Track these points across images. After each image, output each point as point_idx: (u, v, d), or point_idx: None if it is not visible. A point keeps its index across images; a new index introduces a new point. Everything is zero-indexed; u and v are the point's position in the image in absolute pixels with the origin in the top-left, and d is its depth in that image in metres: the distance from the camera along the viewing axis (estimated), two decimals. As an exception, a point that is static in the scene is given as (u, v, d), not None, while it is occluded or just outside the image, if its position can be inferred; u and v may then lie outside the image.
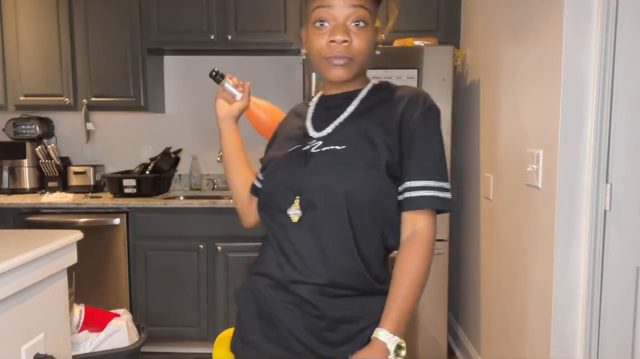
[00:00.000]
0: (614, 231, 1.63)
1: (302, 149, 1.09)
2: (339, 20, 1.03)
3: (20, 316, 1.31)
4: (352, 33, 1.03)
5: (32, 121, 3.24)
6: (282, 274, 1.05)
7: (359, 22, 1.03)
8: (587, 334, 1.66)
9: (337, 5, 1.02)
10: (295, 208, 1.04)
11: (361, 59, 1.05)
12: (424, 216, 1.02)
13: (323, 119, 1.13)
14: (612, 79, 1.58)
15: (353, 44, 1.03)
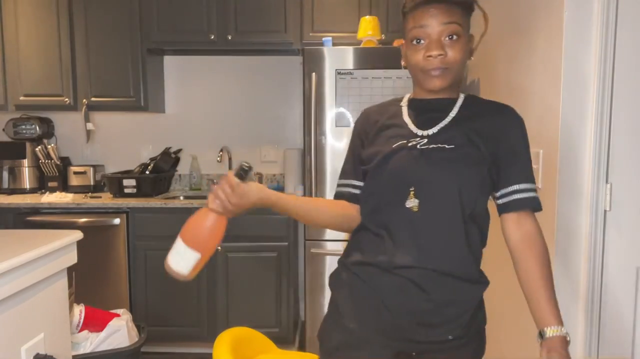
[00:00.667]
0: (614, 231, 1.63)
1: (408, 144, 1.17)
2: (433, 37, 1.13)
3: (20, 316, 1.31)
4: (447, 46, 1.13)
5: (32, 121, 3.24)
6: (392, 261, 1.14)
7: (452, 36, 1.13)
8: (587, 334, 1.66)
9: (431, 24, 1.13)
10: (412, 199, 1.14)
11: (456, 67, 1.15)
12: (531, 216, 1.19)
13: (424, 120, 1.20)
14: (612, 79, 1.58)
15: (448, 56, 1.13)
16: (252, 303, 2.89)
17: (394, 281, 1.14)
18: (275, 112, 3.36)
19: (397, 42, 2.71)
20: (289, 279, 2.89)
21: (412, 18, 1.15)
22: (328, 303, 1.29)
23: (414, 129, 1.19)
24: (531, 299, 1.16)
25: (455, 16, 1.13)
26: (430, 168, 1.13)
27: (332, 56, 2.67)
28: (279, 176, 3.44)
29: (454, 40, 1.13)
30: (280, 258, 2.87)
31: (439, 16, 1.12)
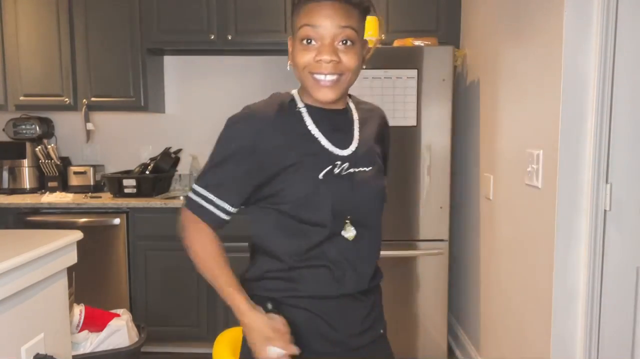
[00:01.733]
0: (614, 231, 1.63)
1: (334, 170, 1.08)
2: (326, 40, 1.01)
3: (20, 316, 1.31)
4: (340, 52, 1.02)
5: (32, 121, 3.23)
6: (337, 290, 1.10)
7: (347, 41, 1.02)
8: (587, 334, 1.66)
9: (324, 25, 1.01)
10: (350, 229, 1.09)
11: (350, 76, 1.05)
12: None
13: (334, 136, 1.10)
14: (612, 79, 1.58)
15: (342, 62, 1.02)
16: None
17: (339, 304, 1.11)
18: (275, 112, 3.36)
19: (397, 42, 2.71)
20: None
21: (304, 13, 1.03)
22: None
23: (331, 149, 1.08)
24: None
25: (352, 19, 1.02)
26: (361, 195, 1.10)
27: (332, 56, 2.67)
28: (279, 176, 3.44)
29: (349, 46, 1.02)
30: (280, 258, 2.87)
31: (335, 17, 1.00)
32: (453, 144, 2.78)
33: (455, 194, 3.03)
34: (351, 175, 1.09)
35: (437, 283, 2.68)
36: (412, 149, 2.62)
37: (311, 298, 1.11)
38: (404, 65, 2.58)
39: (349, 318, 1.13)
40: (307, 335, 1.10)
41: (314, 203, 1.06)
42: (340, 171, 1.08)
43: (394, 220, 2.66)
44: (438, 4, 2.96)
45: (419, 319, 2.71)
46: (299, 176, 1.06)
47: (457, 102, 3.01)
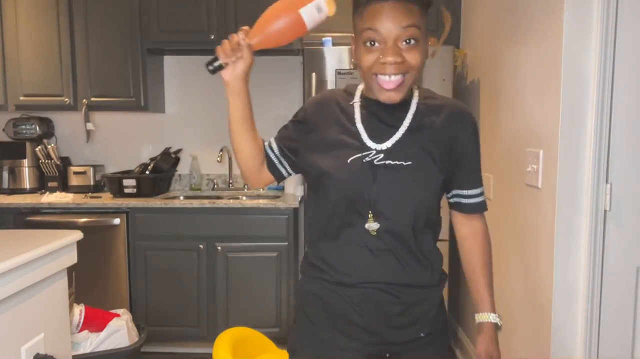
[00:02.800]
0: (614, 231, 1.63)
1: (363, 160, 1.10)
2: (390, 42, 1.02)
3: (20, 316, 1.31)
4: (404, 51, 1.03)
5: (32, 121, 3.23)
6: (356, 278, 1.13)
7: (410, 40, 1.03)
8: (587, 334, 1.66)
9: (387, 27, 1.01)
10: (372, 222, 1.11)
11: (414, 73, 1.06)
12: (481, 217, 1.25)
13: (377, 129, 1.13)
14: (612, 79, 1.58)
15: (406, 62, 1.04)
16: (252, 303, 2.89)
17: (363, 292, 1.14)
18: (275, 112, 3.36)
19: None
20: (289, 279, 2.89)
21: (367, 15, 1.04)
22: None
23: (367, 142, 1.12)
24: (471, 287, 1.26)
25: (414, 17, 1.01)
26: (385, 190, 1.09)
27: (332, 56, 2.67)
28: (279, 176, 3.44)
29: (412, 45, 1.03)
30: (280, 258, 2.86)
31: (396, 17, 1.00)
32: (453, 144, 2.78)
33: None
34: (380, 166, 1.10)
35: (437, 283, 2.68)
36: (412, 149, 2.62)
37: (328, 280, 1.17)
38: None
39: (374, 308, 1.14)
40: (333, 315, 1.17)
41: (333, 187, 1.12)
42: (373, 159, 1.10)
43: (394, 220, 2.66)
44: (438, 4, 2.96)
45: (419, 319, 2.71)
46: (327, 154, 1.13)
47: (457, 102, 3.01)
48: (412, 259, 1.14)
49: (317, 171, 1.15)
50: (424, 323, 1.18)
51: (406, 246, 1.13)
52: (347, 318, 1.16)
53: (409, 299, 1.16)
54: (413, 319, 1.17)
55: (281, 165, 1.26)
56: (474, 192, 1.20)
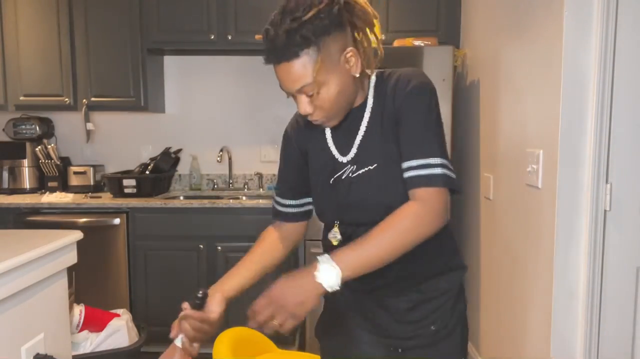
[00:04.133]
0: (614, 231, 1.63)
1: (341, 177, 1.13)
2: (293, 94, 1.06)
3: (20, 316, 1.31)
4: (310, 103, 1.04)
5: (32, 121, 3.23)
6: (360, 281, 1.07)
7: (311, 95, 1.03)
8: (587, 334, 1.66)
9: (286, 87, 1.04)
10: (336, 231, 1.15)
11: (335, 111, 1.07)
12: (422, 193, 1.03)
13: (342, 139, 1.14)
14: (612, 79, 1.58)
15: (317, 109, 1.05)
16: (252, 303, 2.88)
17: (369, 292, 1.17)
18: (275, 112, 3.36)
19: (397, 42, 2.71)
20: None
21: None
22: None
23: (337, 156, 1.14)
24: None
25: (302, 77, 0.99)
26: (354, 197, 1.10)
27: (332, 56, 2.66)
28: (279, 176, 3.44)
29: (315, 96, 1.02)
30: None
31: (288, 81, 1.02)
32: (453, 144, 2.78)
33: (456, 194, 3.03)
34: (353, 178, 1.11)
35: (437, 283, 2.68)
36: (412, 149, 2.61)
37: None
38: (404, 65, 2.54)
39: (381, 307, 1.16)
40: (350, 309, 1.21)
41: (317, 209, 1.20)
42: (349, 174, 1.12)
43: (394, 220, 2.66)
44: (438, 4, 2.96)
45: (419, 319, 2.71)
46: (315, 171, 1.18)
47: (457, 102, 3.00)
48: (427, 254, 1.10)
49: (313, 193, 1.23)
50: (436, 316, 1.16)
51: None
52: (359, 314, 1.19)
53: (415, 295, 1.16)
54: (424, 313, 1.16)
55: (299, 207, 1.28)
56: (410, 164, 1.04)
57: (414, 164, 1.03)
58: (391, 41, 2.79)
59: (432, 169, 1.02)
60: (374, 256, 1.00)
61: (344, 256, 0.99)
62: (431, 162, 1.03)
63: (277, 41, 1.00)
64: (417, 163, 1.03)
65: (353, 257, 0.99)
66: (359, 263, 1.00)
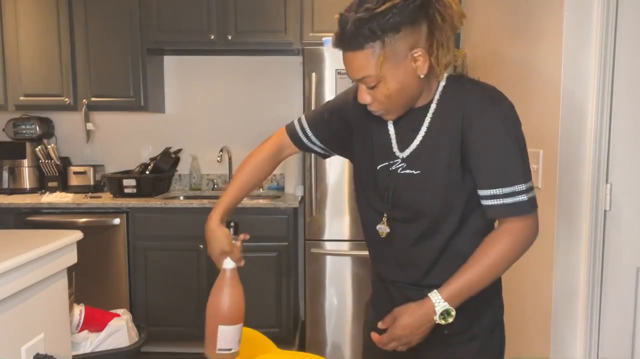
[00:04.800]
0: (614, 231, 1.63)
1: (389, 169, 1.15)
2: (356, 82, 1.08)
3: (20, 316, 1.31)
4: (370, 93, 1.06)
5: (32, 121, 3.23)
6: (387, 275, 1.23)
7: (370, 87, 1.05)
8: (587, 334, 1.66)
9: (350, 75, 1.06)
10: (383, 225, 1.17)
11: (393, 106, 1.08)
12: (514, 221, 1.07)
13: (403, 136, 1.14)
14: (612, 79, 1.58)
15: (376, 101, 1.07)
16: (252, 303, 2.87)
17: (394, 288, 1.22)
18: (275, 112, 3.36)
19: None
20: (289, 279, 2.89)
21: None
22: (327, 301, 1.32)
23: (395, 149, 1.15)
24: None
25: (365, 68, 1.01)
26: (402, 195, 1.13)
27: (332, 56, 2.67)
28: (279, 176, 3.44)
29: (374, 89, 1.04)
30: (280, 258, 2.86)
31: (352, 69, 1.04)
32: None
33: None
34: (400, 175, 1.13)
35: (437, 283, 2.68)
36: (412, 149, 2.62)
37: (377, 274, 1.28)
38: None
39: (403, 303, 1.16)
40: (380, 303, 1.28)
41: (366, 184, 1.20)
42: (397, 169, 1.14)
43: (394, 220, 2.66)
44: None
45: (419, 319, 2.71)
46: (364, 153, 1.20)
47: (457, 102, 3.01)
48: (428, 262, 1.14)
49: (354, 170, 1.26)
50: (457, 320, 1.11)
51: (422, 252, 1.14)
52: (387, 308, 1.19)
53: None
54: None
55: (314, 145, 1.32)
56: (489, 192, 1.06)
57: (497, 193, 1.05)
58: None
59: (518, 197, 1.04)
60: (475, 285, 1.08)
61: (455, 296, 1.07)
62: (517, 189, 1.04)
63: (346, 29, 1.00)
64: (501, 192, 1.05)
65: (462, 296, 1.07)
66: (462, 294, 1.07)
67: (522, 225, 1.07)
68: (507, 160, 1.05)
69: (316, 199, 2.70)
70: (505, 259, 1.08)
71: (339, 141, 1.28)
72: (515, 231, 1.07)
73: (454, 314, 1.06)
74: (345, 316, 2.76)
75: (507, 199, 1.04)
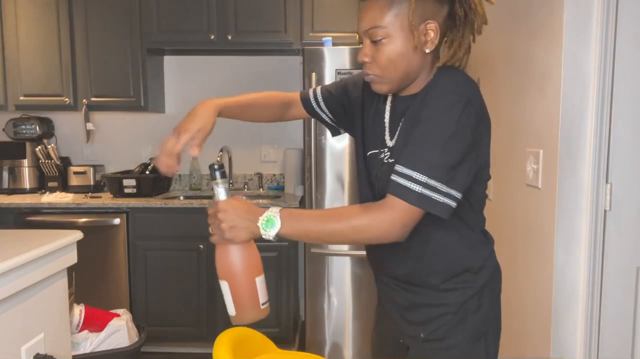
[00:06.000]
0: (614, 231, 1.63)
1: (378, 157, 1.14)
2: (362, 36, 1.06)
3: (20, 316, 1.31)
4: (373, 51, 1.04)
5: (32, 121, 3.23)
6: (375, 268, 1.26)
7: (375, 40, 1.02)
8: (587, 334, 1.66)
9: (359, 27, 1.05)
10: None
11: (390, 74, 1.04)
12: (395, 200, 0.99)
13: (393, 124, 1.13)
14: (612, 79, 1.58)
15: (375, 62, 1.04)
16: (252, 303, 2.89)
17: (381, 281, 1.25)
18: (275, 112, 3.35)
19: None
20: (289, 279, 2.89)
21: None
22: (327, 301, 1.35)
23: (387, 137, 1.12)
24: None
25: (377, 18, 1.00)
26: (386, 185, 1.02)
27: (332, 56, 2.67)
28: (279, 176, 3.44)
29: (378, 45, 1.02)
30: (280, 258, 2.86)
31: (362, 19, 1.03)
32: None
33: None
34: (386, 164, 1.10)
35: (437, 283, 2.68)
36: (412, 149, 2.62)
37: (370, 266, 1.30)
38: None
39: (389, 297, 1.22)
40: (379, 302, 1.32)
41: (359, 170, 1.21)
42: (384, 157, 1.12)
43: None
44: None
45: (419, 319, 2.71)
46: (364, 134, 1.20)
47: (457, 102, 3.00)
48: (413, 258, 1.11)
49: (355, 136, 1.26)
50: (432, 326, 1.12)
51: (399, 245, 1.04)
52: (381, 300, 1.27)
53: (416, 297, 1.14)
54: (424, 319, 1.14)
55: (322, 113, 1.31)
56: (397, 167, 0.99)
57: (404, 172, 0.98)
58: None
59: (412, 184, 0.97)
60: (315, 235, 1.02)
61: (291, 218, 0.99)
62: (414, 176, 0.97)
63: None
64: (402, 171, 0.98)
65: (297, 224, 1.00)
66: (299, 233, 1.01)
67: (394, 212, 0.98)
68: (424, 147, 0.99)
69: (316, 199, 2.70)
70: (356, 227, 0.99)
71: (346, 118, 1.28)
72: (384, 211, 0.98)
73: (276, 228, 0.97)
74: (345, 316, 2.76)
75: (401, 179, 0.98)
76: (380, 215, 0.98)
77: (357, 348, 2.77)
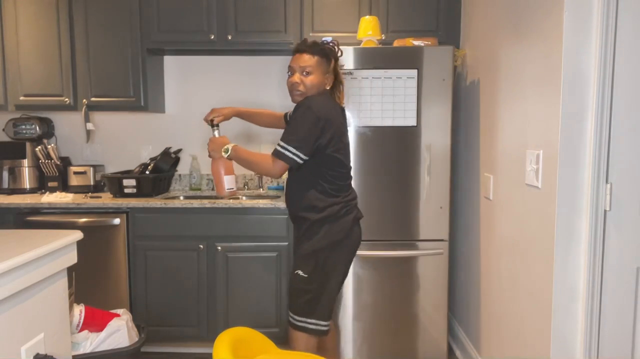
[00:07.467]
0: (614, 231, 1.63)
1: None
2: (296, 71, 2.07)
3: (20, 316, 1.31)
4: (303, 78, 2.06)
5: (32, 121, 3.24)
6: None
7: (305, 73, 2.05)
8: (587, 334, 1.66)
9: (296, 65, 2.07)
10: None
11: (308, 90, 2.05)
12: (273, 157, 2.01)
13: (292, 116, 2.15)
14: (612, 79, 1.58)
15: (302, 84, 2.05)
16: (252, 303, 2.89)
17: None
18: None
19: (397, 42, 2.71)
20: (288, 279, 2.88)
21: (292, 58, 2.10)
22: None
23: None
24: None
25: (310, 64, 2.04)
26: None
27: (332, 56, 2.66)
28: (279, 176, 3.44)
29: (306, 77, 2.05)
30: (280, 258, 2.87)
31: (303, 61, 2.04)
32: (453, 144, 2.78)
33: (455, 194, 3.03)
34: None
35: (437, 282, 2.69)
36: (412, 149, 2.62)
37: None
38: (404, 65, 2.58)
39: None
40: None
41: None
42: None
43: (394, 220, 2.66)
44: (438, 4, 2.96)
45: (419, 319, 2.71)
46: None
47: (457, 102, 3.01)
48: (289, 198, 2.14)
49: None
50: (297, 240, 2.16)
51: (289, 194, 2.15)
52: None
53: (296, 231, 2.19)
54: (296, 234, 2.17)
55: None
56: (280, 141, 1.99)
57: (279, 142, 1.99)
58: (391, 41, 2.79)
59: (281, 149, 1.97)
60: (244, 163, 2.05)
61: (236, 151, 2.05)
62: (282, 144, 1.97)
63: (307, 41, 2.08)
64: (280, 142, 1.98)
65: (237, 154, 2.05)
66: (237, 159, 2.06)
67: (271, 160, 1.99)
68: (289, 129, 1.99)
69: (316, 199, 2.70)
70: (257, 162, 2.03)
71: None
72: (269, 159, 2.00)
73: (228, 153, 2.05)
74: (346, 316, 2.76)
75: (278, 147, 1.98)
76: (268, 162, 1.99)
77: (357, 348, 2.77)
